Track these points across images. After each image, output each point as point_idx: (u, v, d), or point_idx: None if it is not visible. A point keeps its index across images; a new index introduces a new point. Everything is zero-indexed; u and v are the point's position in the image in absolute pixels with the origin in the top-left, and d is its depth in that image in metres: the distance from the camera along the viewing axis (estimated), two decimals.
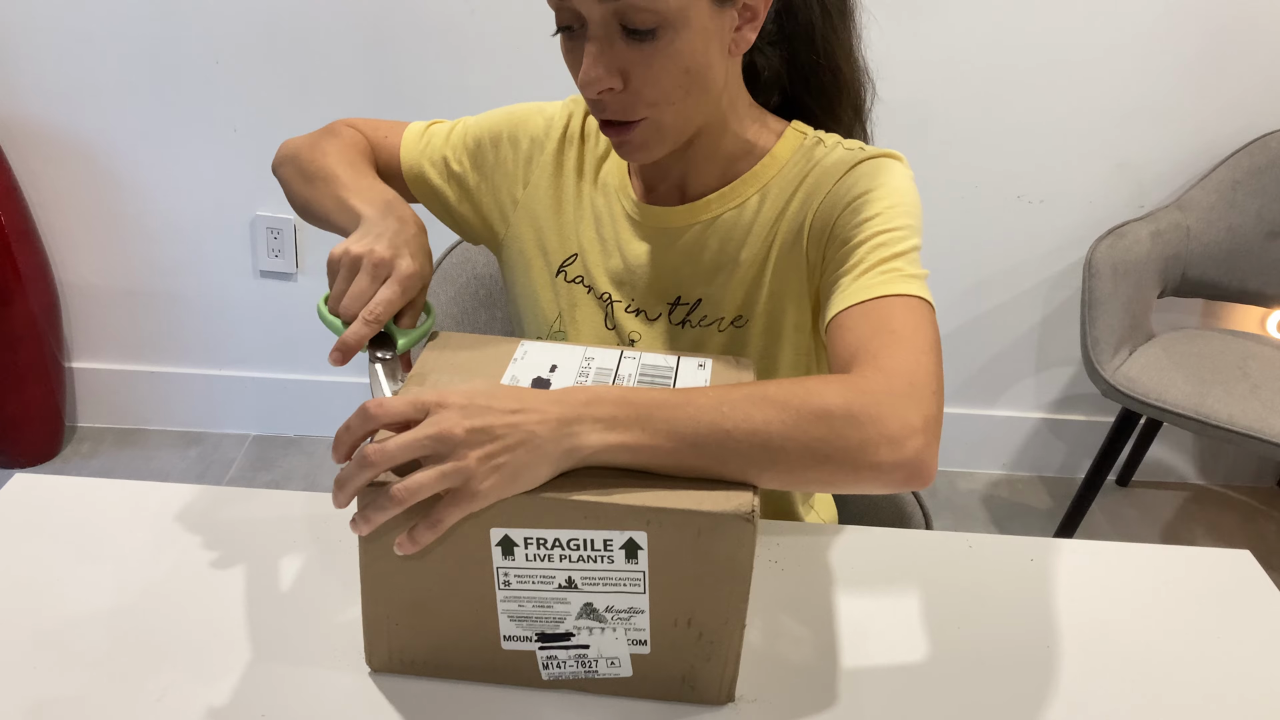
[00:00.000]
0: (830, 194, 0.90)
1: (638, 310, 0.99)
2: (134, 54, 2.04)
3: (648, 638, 0.72)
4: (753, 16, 0.87)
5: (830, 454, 0.71)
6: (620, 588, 0.70)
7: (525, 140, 1.05)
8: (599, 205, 1.01)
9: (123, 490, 0.96)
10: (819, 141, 0.95)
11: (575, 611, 0.71)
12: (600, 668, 0.74)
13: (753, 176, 0.95)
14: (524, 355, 0.83)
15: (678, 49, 0.83)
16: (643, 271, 0.98)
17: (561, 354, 0.84)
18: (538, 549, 0.69)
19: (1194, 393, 1.86)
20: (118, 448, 2.32)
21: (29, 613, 0.81)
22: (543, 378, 0.80)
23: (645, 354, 0.84)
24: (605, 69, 0.84)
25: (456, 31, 2.02)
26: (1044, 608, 0.88)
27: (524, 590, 0.71)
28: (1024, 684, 0.80)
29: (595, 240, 1.01)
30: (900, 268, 0.84)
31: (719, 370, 0.82)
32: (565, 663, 0.74)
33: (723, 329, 0.96)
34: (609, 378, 0.80)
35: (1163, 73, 2.06)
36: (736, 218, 0.95)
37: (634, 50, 0.83)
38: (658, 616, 0.71)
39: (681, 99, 0.86)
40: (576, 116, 1.04)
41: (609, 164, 1.02)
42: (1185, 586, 0.92)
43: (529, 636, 0.73)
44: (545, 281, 1.03)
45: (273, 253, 2.22)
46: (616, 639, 0.72)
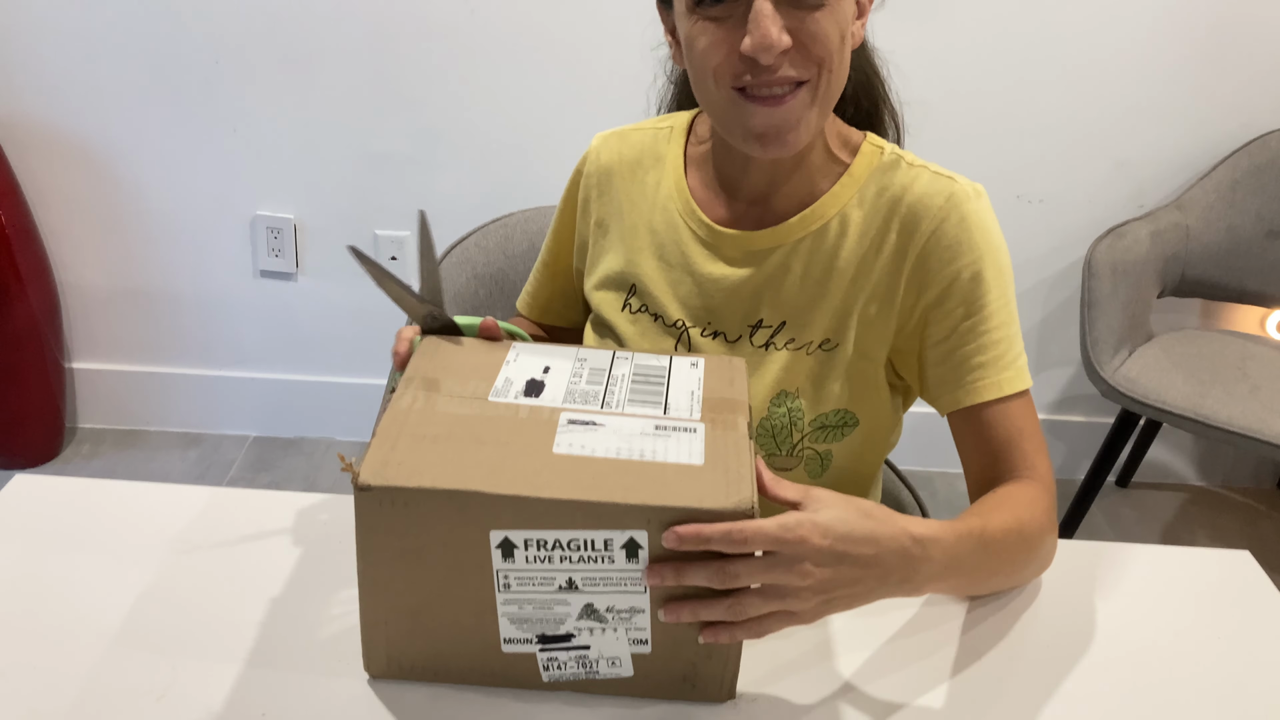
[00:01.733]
0: (936, 239, 0.91)
1: (715, 333, 0.99)
2: (134, 54, 2.04)
3: (649, 637, 0.72)
4: (862, 13, 0.90)
5: (1029, 569, 0.90)
6: (621, 587, 0.70)
7: (575, 205, 1.08)
8: (660, 232, 1.01)
9: (123, 490, 0.96)
10: (898, 160, 0.95)
11: (576, 612, 0.71)
12: (601, 668, 0.74)
13: (832, 198, 0.95)
14: (515, 358, 0.83)
15: (841, 14, 0.85)
16: (720, 296, 0.98)
17: (554, 356, 0.83)
18: (538, 550, 0.69)
19: (1194, 393, 1.86)
20: (118, 448, 2.32)
21: (29, 613, 0.81)
22: (536, 380, 0.80)
23: (638, 354, 0.84)
24: (779, 29, 0.82)
25: (457, 32, 2.02)
26: (1044, 608, 0.88)
27: (524, 592, 0.70)
28: (1024, 684, 0.80)
29: (659, 268, 1.00)
30: (1022, 355, 0.93)
31: (711, 368, 0.83)
32: (566, 664, 0.74)
33: (810, 352, 0.96)
34: (602, 378, 0.80)
35: (1163, 73, 2.06)
36: (819, 242, 0.95)
37: (801, 13, 0.83)
38: (659, 615, 0.71)
39: (837, 66, 0.86)
40: (608, 153, 1.05)
41: (666, 188, 1.01)
42: (1185, 587, 0.92)
43: (529, 639, 0.73)
44: (624, 324, 1.04)
45: (273, 253, 2.22)
46: (617, 639, 0.72)
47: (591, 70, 2.05)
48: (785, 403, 0.96)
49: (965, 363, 0.92)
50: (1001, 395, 0.91)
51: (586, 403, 0.77)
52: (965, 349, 0.92)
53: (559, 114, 2.08)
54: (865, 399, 0.97)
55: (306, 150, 2.13)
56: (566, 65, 2.05)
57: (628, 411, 0.76)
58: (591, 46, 2.04)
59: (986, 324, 0.91)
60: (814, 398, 0.96)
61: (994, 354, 0.91)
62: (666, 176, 1.01)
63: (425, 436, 0.71)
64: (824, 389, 0.96)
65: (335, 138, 2.11)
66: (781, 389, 0.96)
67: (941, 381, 0.94)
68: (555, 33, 2.03)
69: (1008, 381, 0.91)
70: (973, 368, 0.92)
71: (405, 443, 0.71)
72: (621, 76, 2.06)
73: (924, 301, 0.93)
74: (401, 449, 0.70)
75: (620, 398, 0.78)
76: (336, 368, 2.35)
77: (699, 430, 0.74)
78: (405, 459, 0.69)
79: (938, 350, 0.93)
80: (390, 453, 0.70)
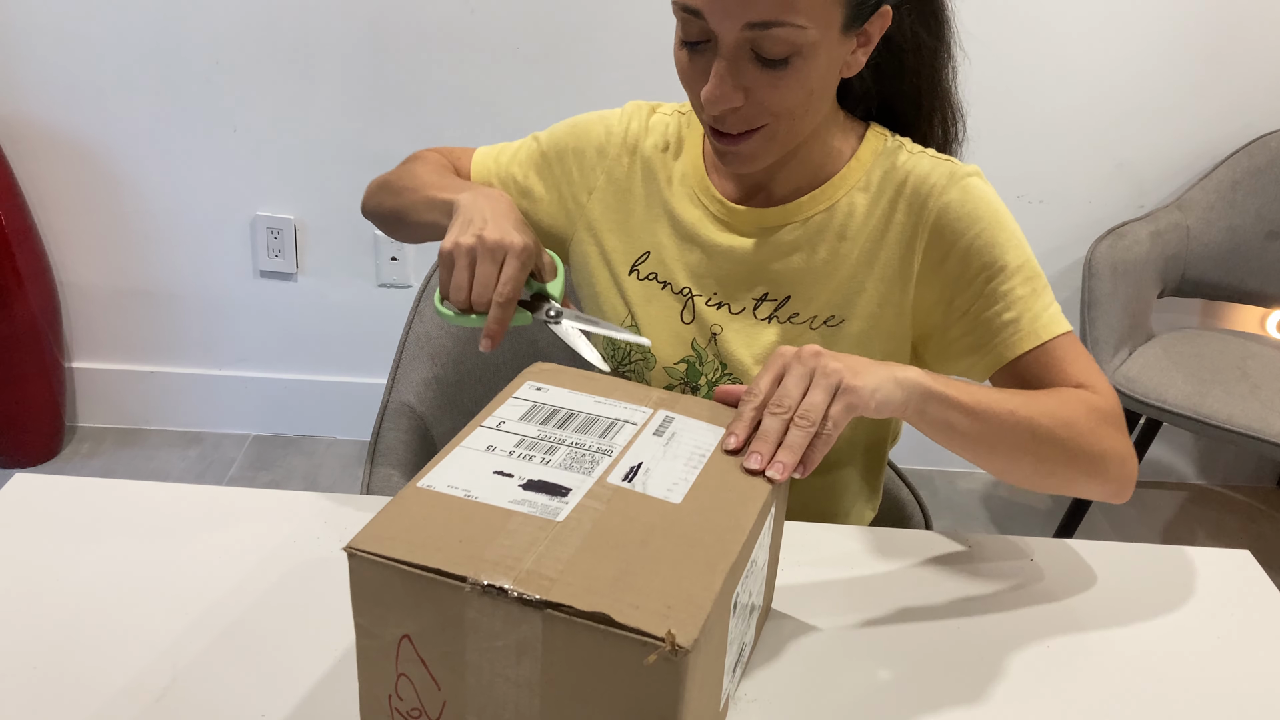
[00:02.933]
0: (944, 212, 0.94)
1: (720, 303, 1.01)
2: (134, 54, 2.04)
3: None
4: (867, 41, 0.91)
5: (1078, 456, 0.88)
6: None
7: (590, 150, 1.07)
8: (674, 205, 1.03)
9: (123, 490, 0.96)
10: (900, 145, 0.98)
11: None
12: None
13: (840, 180, 0.98)
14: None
15: (805, 74, 0.86)
16: (727, 266, 1.00)
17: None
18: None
19: (1194, 393, 1.86)
20: (118, 448, 2.32)
21: (29, 612, 0.81)
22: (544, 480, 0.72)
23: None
24: (732, 88, 0.86)
25: (456, 32, 2.02)
26: (1044, 608, 0.88)
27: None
28: (1024, 684, 0.80)
29: (671, 237, 1.03)
30: (1053, 304, 0.94)
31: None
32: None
33: (815, 327, 0.98)
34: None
35: (1163, 73, 2.06)
36: (828, 220, 0.98)
37: (762, 73, 0.86)
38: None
39: (802, 114, 0.89)
40: (639, 122, 1.07)
41: (682, 165, 1.04)
42: (1185, 586, 0.92)
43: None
44: (609, 283, 1.06)
45: (273, 253, 2.22)
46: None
47: (591, 70, 2.05)
48: None
49: (995, 320, 0.93)
50: (1039, 342, 0.92)
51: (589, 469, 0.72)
52: (994, 308, 0.93)
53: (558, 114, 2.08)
54: None
55: (306, 150, 2.13)
56: (566, 65, 2.05)
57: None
58: (591, 46, 2.04)
59: (1009, 281, 0.93)
60: None
61: (1021, 308, 0.93)
62: (685, 157, 1.04)
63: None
64: None
65: (335, 138, 2.11)
66: None
67: (977, 347, 0.95)
68: (554, 33, 2.03)
69: (1043, 328, 0.92)
70: (1004, 324, 0.93)
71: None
72: (621, 76, 2.06)
73: (943, 275, 0.95)
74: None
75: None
76: (336, 367, 2.35)
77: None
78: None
79: (966, 319, 0.95)
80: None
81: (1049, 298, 0.94)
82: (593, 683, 0.60)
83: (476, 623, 0.61)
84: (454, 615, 0.62)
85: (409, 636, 0.64)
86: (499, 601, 0.60)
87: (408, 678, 0.66)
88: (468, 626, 0.62)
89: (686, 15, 0.86)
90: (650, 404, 0.80)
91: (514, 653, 0.61)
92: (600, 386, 0.82)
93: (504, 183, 1.10)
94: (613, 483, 0.70)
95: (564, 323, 0.91)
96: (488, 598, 0.60)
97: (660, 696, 0.59)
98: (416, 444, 1.18)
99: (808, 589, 0.88)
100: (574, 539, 0.64)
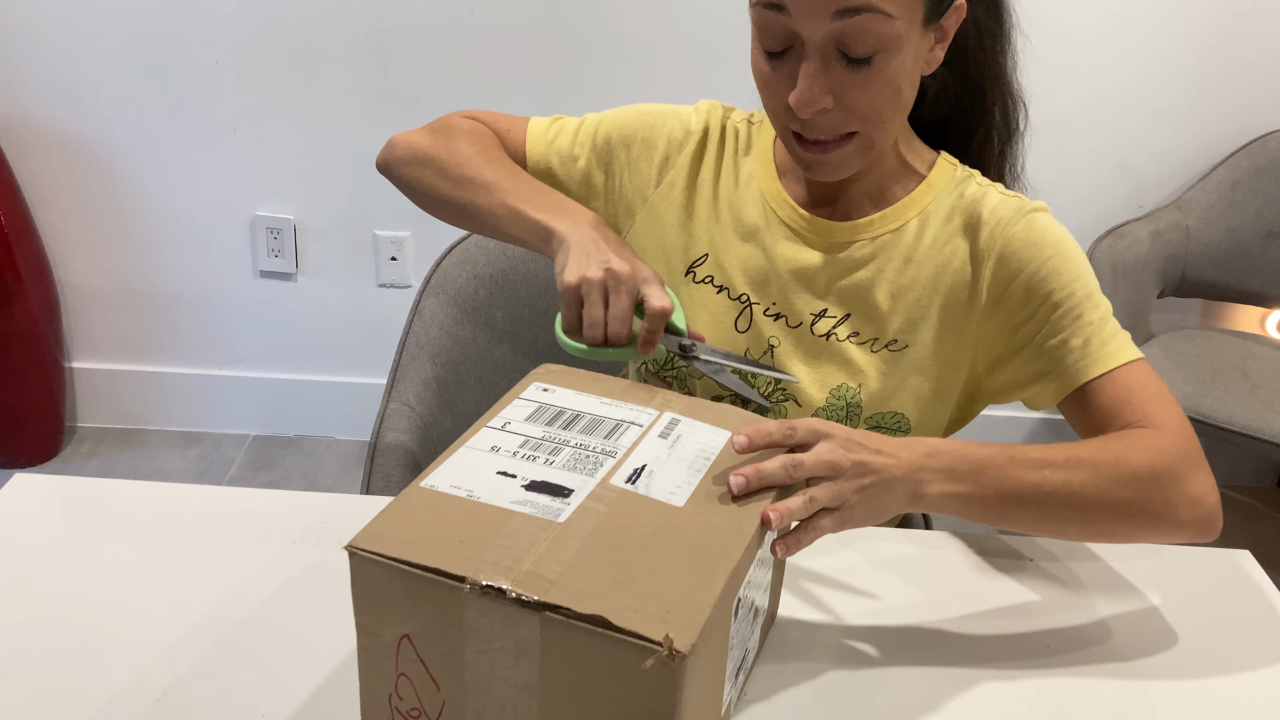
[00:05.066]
0: (1010, 243, 0.94)
1: (778, 315, 0.99)
2: (134, 54, 2.04)
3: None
4: (944, 36, 0.90)
5: (1137, 514, 0.83)
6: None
7: (662, 142, 1.04)
8: (743, 209, 1.01)
9: (123, 490, 0.96)
10: (970, 176, 0.98)
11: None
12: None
13: (911, 201, 0.97)
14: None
15: (892, 72, 0.85)
16: (790, 277, 0.98)
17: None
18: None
19: (1194, 393, 1.86)
20: (118, 448, 2.32)
21: (29, 612, 0.81)
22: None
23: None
24: (821, 90, 0.85)
25: (456, 31, 2.02)
26: (1044, 608, 0.88)
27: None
28: (1024, 684, 0.80)
29: (735, 241, 1.01)
30: (1122, 331, 0.92)
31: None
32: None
33: (875, 350, 0.97)
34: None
35: (1163, 73, 2.06)
36: (896, 240, 0.97)
37: (849, 73, 0.85)
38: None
39: (891, 117, 0.89)
40: (714, 121, 1.04)
41: (754, 168, 1.02)
42: (1185, 586, 0.92)
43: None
44: (671, 275, 1.03)
45: (273, 253, 2.22)
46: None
47: (591, 70, 2.05)
48: (844, 396, 0.97)
49: (1060, 348, 0.92)
50: (1106, 369, 0.90)
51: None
52: (1059, 336, 0.92)
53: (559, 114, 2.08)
54: (919, 406, 0.97)
55: (306, 150, 2.13)
56: (566, 65, 2.05)
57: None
58: (591, 46, 2.04)
59: (1074, 310, 0.91)
60: (874, 396, 0.97)
61: (1088, 333, 0.91)
62: (756, 162, 1.02)
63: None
64: (886, 388, 0.96)
65: (335, 138, 2.11)
66: (842, 381, 0.97)
67: (1042, 374, 0.93)
68: (554, 32, 2.03)
69: (1110, 355, 0.90)
70: (1069, 350, 0.91)
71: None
72: (621, 76, 2.06)
73: (1006, 305, 0.94)
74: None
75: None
76: (336, 367, 2.35)
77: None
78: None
79: (1030, 349, 0.94)
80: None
81: (1115, 325, 0.92)
82: (590, 685, 0.60)
83: (475, 623, 0.61)
84: (453, 615, 0.62)
85: (409, 636, 0.64)
86: (498, 602, 0.60)
87: (407, 677, 0.66)
88: (467, 627, 0.62)
89: (768, 12, 0.84)
90: (656, 406, 0.79)
91: (512, 654, 0.61)
92: (607, 388, 0.82)
93: (562, 161, 1.06)
94: (616, 485, 0.70)
95: (704, 357, 0.89)
96: (486, 598, 0.60)
97: (658, 700, 0.59)
98: (416, 444, 1.18)
99: (808, 589, 0.88)
100: (575, 541, 0.64)
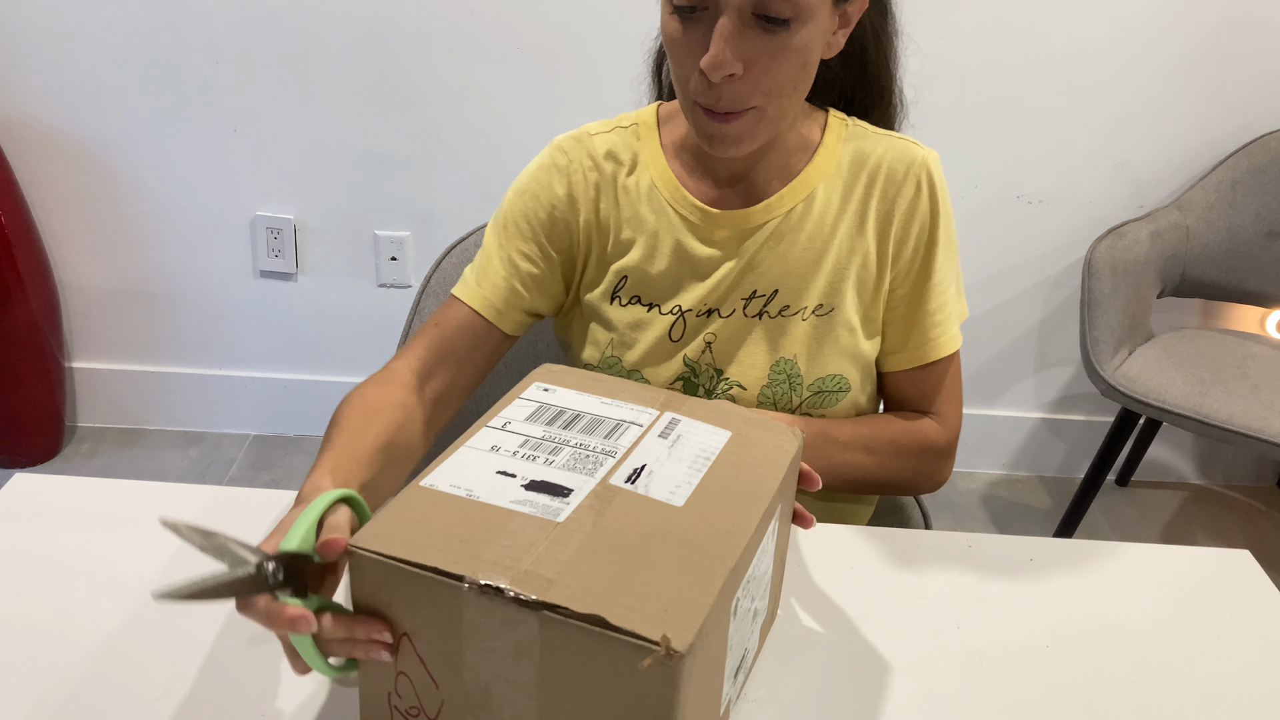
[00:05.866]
0: (911, 203, 0.98)
1: (709, 310, 1.00)
2: (134, 54, 2.04)
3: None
4: (846, 23, 0.91)
5: (906, 487, 1.04)
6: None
7: (544, 213, 1.01)
8: (650, 223, 1.00)
9: (123, 490, 0.96)
10: (862, 129, 1.01)
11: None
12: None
13: (814, 168, 0.99)
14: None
15: (802, 42, 0.86)
16: (715, 275, 0.99)
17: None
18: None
19: (1193, 393, 1.86)
20: (118, 448, 2.32)
21: (29, 612, 0.81)
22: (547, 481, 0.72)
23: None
24: (733, 53, 0.84)
25: (456, 32, 2.02)
26: (1044, 608, 0.88)
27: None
28: (1024, 684, 0.80)
29: (651, 259, 1.00)
30: (956, 315, 1.03)
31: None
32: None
33: (805, 318, 1.00)
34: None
35: (1163, 73, 2.06)
36: (807, 210, 0.99)
37: (763, 39, 0.84)
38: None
39: (791, 92, 0.89)
40: (578, 158, 1.01)
41: (649, 179, 1.00)
42: (1185, 586, 0.92)
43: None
44: (592, 313, 1.03)
45: (273, 253, 2.22)
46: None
47: (591, 70, 2.05)
48: (785, 369, 1.00)
49: (924, 320, 1.01)
50: (944, 354, 1.02)
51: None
52: (925, 307, 1.00)
53: (559, 114, 2.08)
54: (857, 363, 1.01)
55: (306, 150, 2.13)
56: (566, 65, 2.06)
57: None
58: (591, 46, 2.04)
59: (943, 283, 1.00)
60: (811, 363, 1.00)
61: (946, 314, 1.01)
62: (648, 171, 1.00)
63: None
64: (821, 354, 1.00)
65: (335, 138, 2.12)
66: (780, 355, 1.00)
67: (899, 336, 1.02)
68: (554, 32, 2.03)
69: (949, 341, 1.02)
70: (932, 325, 1.01)
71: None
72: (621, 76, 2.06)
73: (900, 262, 1.00)
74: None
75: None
76: (336, 367, 2.35)
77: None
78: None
79: (898, 309, 1.01)
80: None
81: (962, 306, 1.03)
82: (589, 685, 0.60)
83: (475, 623, 0.61)
84: (452, 615, 0.62)
85: (408, 635, 0.64)
86: (496, 602, 0.60)
87: (407, 676, 0.66)
88: (466, 626, 0.62)
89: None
90: (657, 406, 0.79)
91: (511, 654, 0.61)
92: (607, 388, 0.82)
93: (510, 296, 1.00)
94: (615, 484, 0.70)
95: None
96: (485, 598, 0.60)
97: (656, 700, 0.59)
98: None
99: (808, 589, 0.88)
100: (574, 540, 0.64)
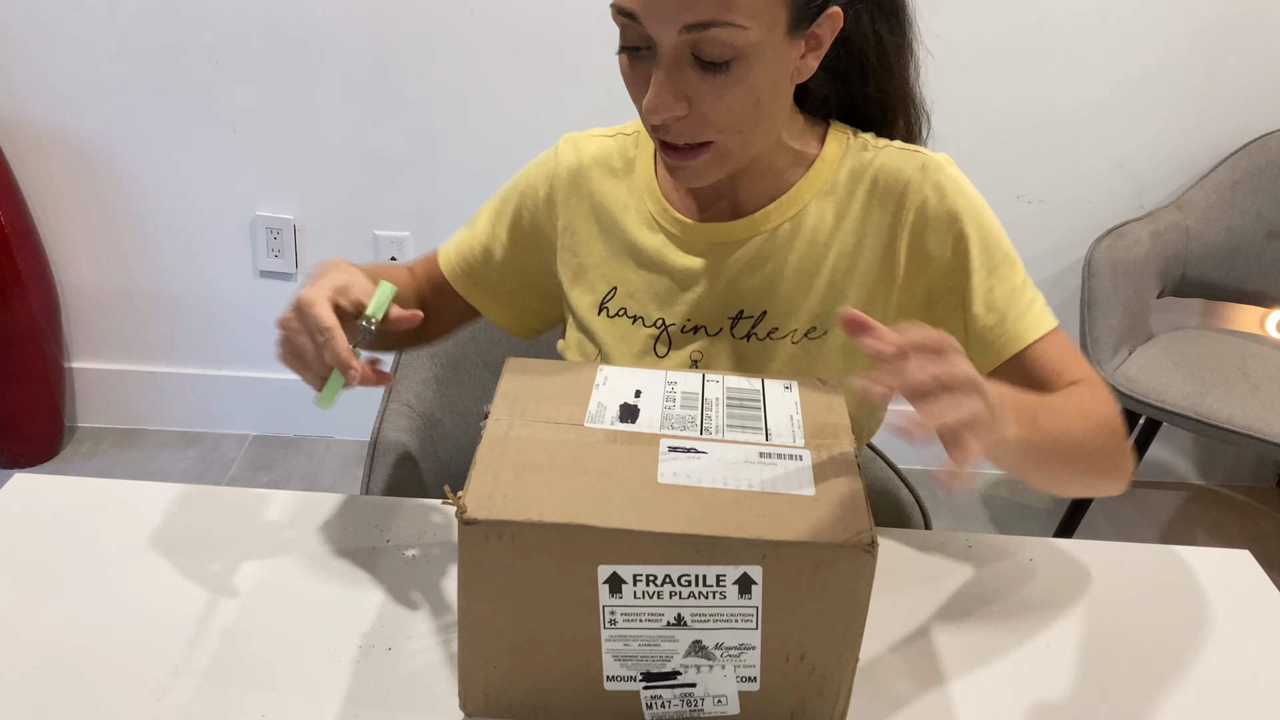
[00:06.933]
0: (924, 210, 0.91)
1: (696, 328, 0.97)
2: (134, 54, 2.04)
3: (758, 674, 0.69)
4: (818, 45, 0.86)
5: (1105, 461, 0.86)
6: (731, 624, 0.67)
7: (532, 201, 1.03)
8: (633, 234, 0.98)
9: (123, 490, 0.96)
10: (865, 142, 0.95)
11: (683, 650, 0.69)
12: (707, 706, 0.71)
13: (806, 184, 0.94)
14: (605, 381, 0.81)
15: (750, 81, 0.81)
16: (698, 289, 0.96)
17: (643, 379, 0.82)
18: (646, 586, 0.66)
19: (1194, 393, 1.86)
20: (118, 448, 2.32)
21: (29, 613, 0.81)
22: (630, 404, 0.78)
23: (728, 377, 0.82)
24: (673, 96, 0.82)
25: (456, 32, 2.02)
26: (1044, 608, 0.88)
27: (630, 629, 0.68)
28: (1024, 684, 0.80)
29: (635, 270, 0.98)
30: (1039, 295, 0.94)
31: (807, 392, 0.82)
32: (670, 702, 0.71)
33: (795, 340, 0.95)
34: (696, 402, 0.78)
35: (1163, 72, 2.06)
36: (796, 228, 0.94)
37: (704, 80, 0.81)
38: (769, 652, 0.68)
39: (753, 126, 0.85)
40: (573, 157, 1.02)
41: (636, 188, 0.99)
42: (1185, 586, 0.92)
43: (633, 676, 0.70)
44: (575, 328, 1.02)
45: (273, 253, 2.22)
46: (725, 677, 0.70)
47: (591, 70, 2.05)
48: None
49: (986, 317, 0.92)
50: (1037, 337, 0.91)
51: (685, 428, 0.75)
52: (982, 305, 0.92)
53: (559, 114, 2.08)
54: (852, 388, 0.96)
55: (306, 150, 2.13)
56: (566, 65, 2.05)
57: (728, 438, 0.74)
58: (591, 46, 2.04)
59: (998, 270, 0.92)
60: None
61: (1011, 301, 0.92)
62: (638, 180, 1.00)
63: (526, 466, 0.69)
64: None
65: (335, 138, 2.12)
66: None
67: (971, 344, 0.93)
68: (555, 32, 2.03)
69: (1034, 322, 0.92)
70: (998, 319, 0.92)
71: (507, 473, 0.69)
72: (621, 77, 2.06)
73: (929, 274, 0.92)
74: (504, 480, 0.68)
75: (718, 423, 0.76)
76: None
77: (805, 458, 0.73)
78: (510, 490, 0.67)
79: (955, 318, 0.93)
80: (494, 484, 0.67)
81: (1033, 289, 0.93)
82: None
83: None
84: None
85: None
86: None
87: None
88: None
89: (623, 19, 0.81)
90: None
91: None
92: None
93: (487, 253, 1.05)
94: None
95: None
96: None
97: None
98: (416, 444, 1.18)
99: None
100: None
